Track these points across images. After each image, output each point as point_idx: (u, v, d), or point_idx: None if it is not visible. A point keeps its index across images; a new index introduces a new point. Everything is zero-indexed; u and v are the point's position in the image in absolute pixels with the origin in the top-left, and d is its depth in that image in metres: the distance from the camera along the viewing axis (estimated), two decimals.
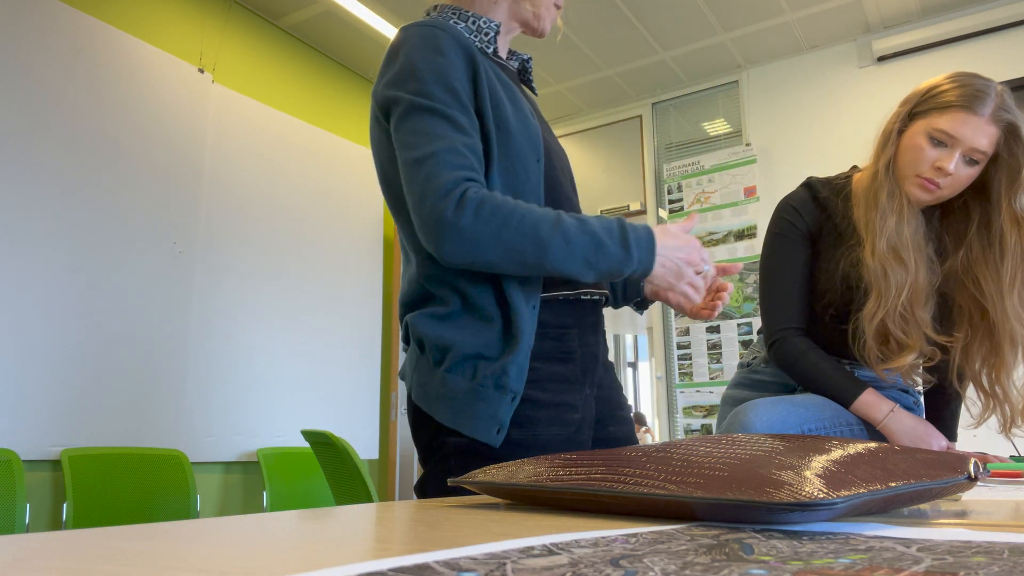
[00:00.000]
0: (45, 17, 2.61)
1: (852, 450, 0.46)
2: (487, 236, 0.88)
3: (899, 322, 1.19)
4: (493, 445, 0.93)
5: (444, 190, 0.89)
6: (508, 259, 0.90)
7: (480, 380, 0.94)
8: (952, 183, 1.19)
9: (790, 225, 1.34)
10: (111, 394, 2.61)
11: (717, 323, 3.70)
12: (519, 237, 0.89)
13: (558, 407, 0.98)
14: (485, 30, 1.08)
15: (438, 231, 0.89)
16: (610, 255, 0.92)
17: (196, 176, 3.03)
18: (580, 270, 0.91)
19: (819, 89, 3.68)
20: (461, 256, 0.90)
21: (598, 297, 1.08)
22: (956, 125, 1.16)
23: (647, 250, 0.95)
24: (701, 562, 0.25)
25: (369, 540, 0.33)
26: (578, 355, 1.02)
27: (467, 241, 0.89)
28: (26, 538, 0.32)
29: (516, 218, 0.89)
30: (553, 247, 0.89)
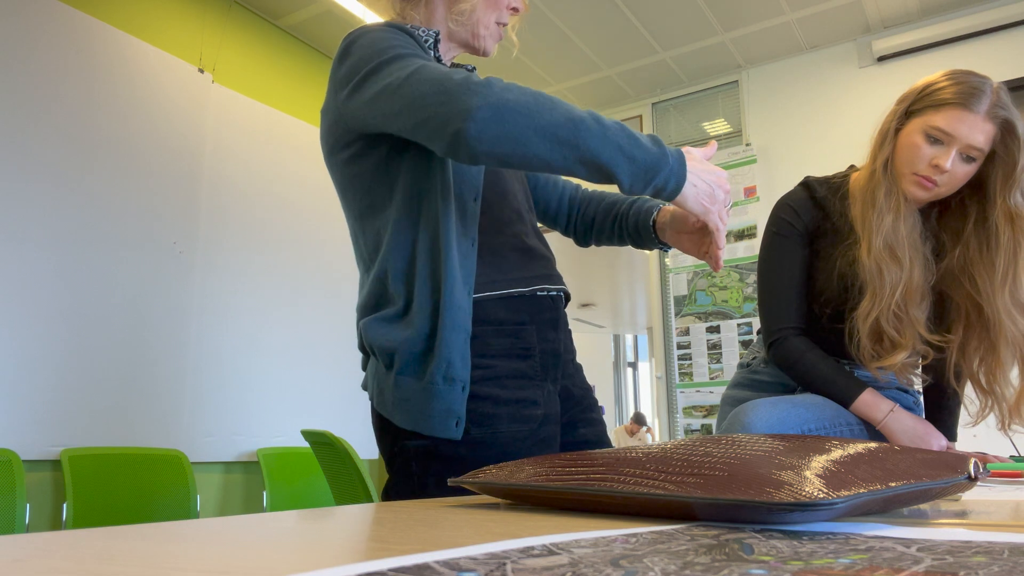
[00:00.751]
0: (44, 16, 2.61)
1: (852, 450, 0.46)
2: (519, 109, 0.81)
3: (893, 320, 1.19)
4: (455, 439, 0.93)
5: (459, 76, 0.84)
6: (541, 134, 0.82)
7: (429, 377, 0.94)
8: (949, 180, 1.19)
9: (788, 225, 1.34)
10: (111, 394, 2.61)
11: (717, 323, 3.70)
12: (551, 110, 0.83)
13: (518, 403, 0.97)
14: (424, 38, 1.09)
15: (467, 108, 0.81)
16: (645, 148, 0.86)
17: (196, 176, 3.03)
18: (614, 156, 0.84)
19: (819, 89, 3.68)
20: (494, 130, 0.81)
21: (556, 293, 1.08)
22: (952, 122, 1.16)
23: (679, 161, 0.90)
24: (701, 562, 0.25)
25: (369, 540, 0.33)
26: (537, 351, 1.02)
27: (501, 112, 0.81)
28: (26, 538, 0.32)
29: (543, 96, 0.84)
30: (586, 125, 0.83)
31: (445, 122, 0.83)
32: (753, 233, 3.66)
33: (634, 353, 11.60)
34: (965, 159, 1.18)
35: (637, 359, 11.59)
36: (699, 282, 3.79)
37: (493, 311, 0.99)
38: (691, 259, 3.82)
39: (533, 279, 1.05)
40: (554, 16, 3.45)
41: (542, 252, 1.11)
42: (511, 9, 1.12)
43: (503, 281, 1.01)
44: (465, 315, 0.96)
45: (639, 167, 0.86)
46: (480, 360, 0.97)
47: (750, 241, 3.66)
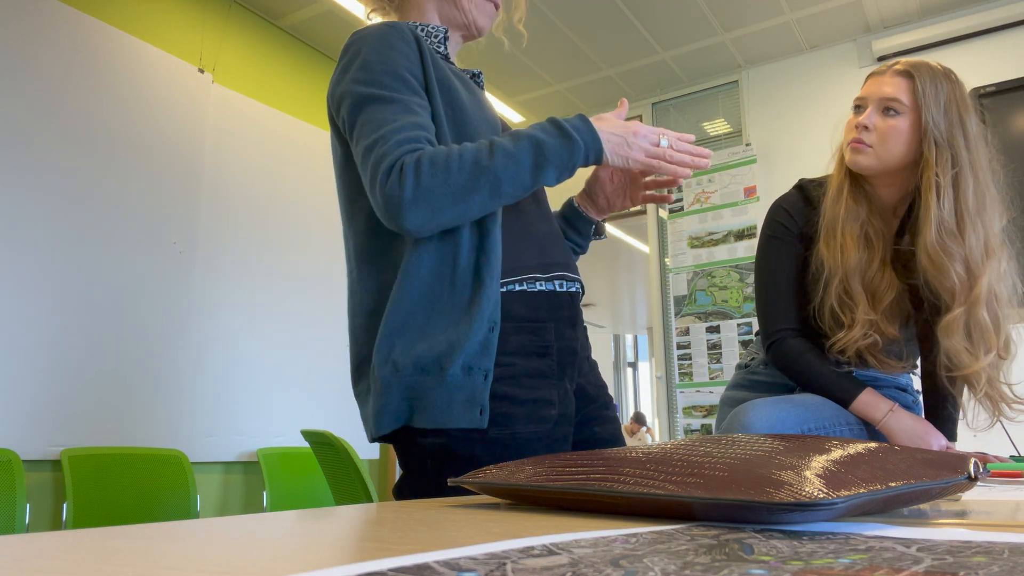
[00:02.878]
0: (45, 17, 2.61)
1: (852, 450, 0.46)
2: (436, 192, 0.88)
3: (840, 302, 1.25)
4: (481, 427, 0.92)
5: (385, 169, 0.90)
6: (464, 203, 0.90)
7: (447, 370, 0.92)
8: (879, 138, 1.24)
9: (782, 227, 1.35)
10: (111, 394, 2.61)
11: (717, 323, 3.70)
12: (464, 177, 0.89)
13: (535, 403, 0.96)
14: (435, 34, 1.11)
15: (392, 210, 0.89)
16: (555, 147, 0.92)
17: (196, 176, 3.03)
18: (535, 175, 0.92)
19: (819, 89, 3.68)
20: (423, 222, 0.90)
21: (575, 289, 1.07)
22: (865, 88, 1.29)
23: (588, 131, 0.95)
24: (701, 562, 0.25)
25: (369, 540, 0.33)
26: (555, 349, 1.00)
27: (421, 206, 0.89)
28: (26, 538, 0.32)
29: (454, 160, 0.90)
30: (498, 169, 0.90)
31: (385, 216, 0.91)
32: (753, 233, 3.66)
33: (634, 353, 11.61)
34: (887, 113, 1.24)
35: (637, 359, 11.60)
36: (699, 282, 3.79)
37: (512, 307, 0.98)
38: (691, 259, 3.82)
39: (553, 266, 1.04)
40: (554, 16, 3.45)
41: (560, 240, 1.10)
42: None
43: (521, 267, 1.00)
44: (489, 306, 0.94)
45: (560, 167, 0.93)
46: (499, 358, 0.95)
47: (750, 241, 3.66)
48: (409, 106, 0.96)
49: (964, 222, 1.18)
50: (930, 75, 1.23)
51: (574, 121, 0.96)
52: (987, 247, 1.19)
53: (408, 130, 0.93)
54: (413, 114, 0.95)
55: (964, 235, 1.18)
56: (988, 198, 1.21)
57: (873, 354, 1.24)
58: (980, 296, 1.16)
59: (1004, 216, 1.24)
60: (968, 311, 1.16)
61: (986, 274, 1.17)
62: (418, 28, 1.10)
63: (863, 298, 1.23)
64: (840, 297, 1.24)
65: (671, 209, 3.94)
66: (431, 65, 1.01)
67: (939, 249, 1.17)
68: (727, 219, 3.75)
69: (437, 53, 1.11)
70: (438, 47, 1.11)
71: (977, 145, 1.22)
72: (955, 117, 1.21)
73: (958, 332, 1.17)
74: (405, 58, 0.99)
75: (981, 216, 1.19)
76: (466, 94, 1.05)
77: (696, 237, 3.83)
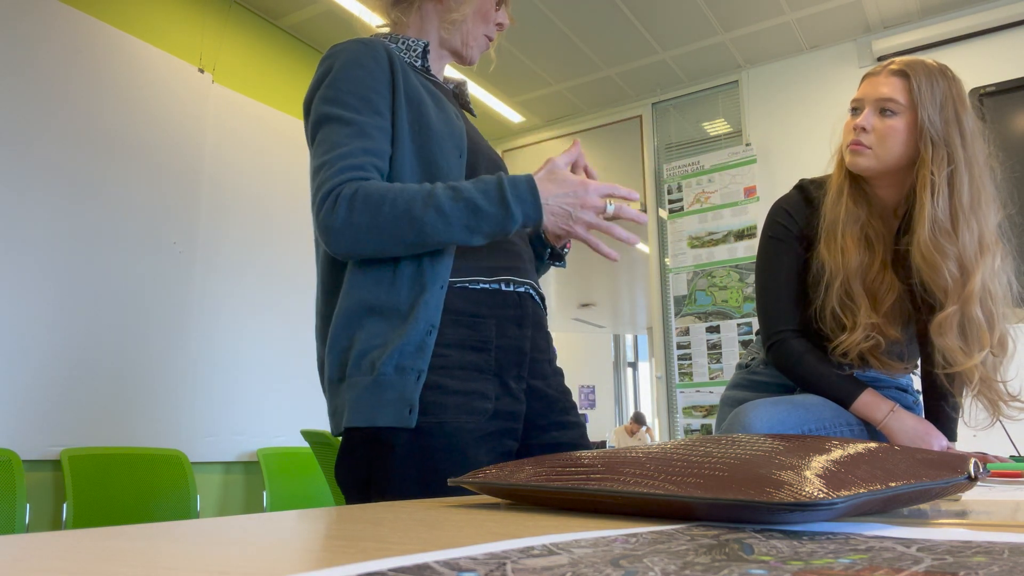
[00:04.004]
0: (45, 17, 2.61)
1: (852, 450, 0.46)
2: (363, 227, 0.93)
3: (841, 304, 1.24)
4: (408, 426, 0.93)
5: (324, 194, 0.95)
6: (389, 243, 0.94)
7: (379, 369, 0.94)
8: (879, 139, 1.24)
9: (783, 228, 1.35)
10: (111, 394, 2.61)
11: (717, 323, 3.70)
12: (392, 221, 0.93)
13: (468, 395, 0.97)
14: (414, 48, 1.14)
15: (323, 234, 0.95)
16: (489, 217, 0.93)
17: (196, 176, 3.03)
18: (464, 237, 0.94)
19: (819, 89, 3.68)
20: (347, 250, 0.95)
21: (523, 290, 1.08)
22: (862, 89, 1.29)
23: (529, 203, 0.94)
24: (701, 562, 0.25)
25: (369, 540, 0.33)
26: (494, 345, 1.01)
27: (346, 237, 0.93)
28: (26, 538, 0.32)
29: (388, 202, 0.93)
30: (427, 223, 0.92)
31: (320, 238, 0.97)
32: (753, 233, 3.66)
33: (634, 353, 11.61)
34: (884, 114, 1.24)
35: (637, 359, 11.60)
36: (699, 282, 3.79)
37: (452, 301, 1.00)
38: (691, 259, 3.82)
39: (499, 270, 1.05)
40: (554, 16, 3.45)
41: (514, 247, 1.10)
42: (498, 25, 1.19)
43: (465, 269, 1.02)
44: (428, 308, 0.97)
45: (490, 235, 0.95)
46: (435, 349, 0.97)
47: (750, 241, 3.66)
48: (365, 129, 0.99)
49: (958, 220, 1.18)
50: (925, 73, 1.23)
51: (521, 189, 0.94)
52: (981, 244, 1.18)
53: (355, 156, 0.97)
54: (367, 138, 0.99)
55: (958, 232, 1.17)
56: (984, 195, 1.21)
57: (875, 355, 1.24)
58: (973, 293, 1.16)
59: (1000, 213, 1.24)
60: (961, 309, 1.16)
61: (979, 271, 1.17)
62: (399, 41, 1.14)
63: (864, 300, 1.23)
64: (841, 299, 1.24)
65: (671, 209, 3.94)
66: (401, 81, 1.04)
67: (932, 247, 1.17)
68: (727, 219, 3.75)
69: (413, 67, 1.13)
70: (415, 60, 1.14)
71: (974, 142, 1.22)
72: (951, 114, 1.21)
73: (951, 330, 1.17)
74: (372, 77, 1.02)
75: (976, 213, 1.19)
76: (435, 109, 1.06)
77: (696, 237, 3.83)
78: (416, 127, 1.03)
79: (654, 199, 4.08)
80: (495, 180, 0.95)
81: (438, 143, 1.04)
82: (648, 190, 4.11)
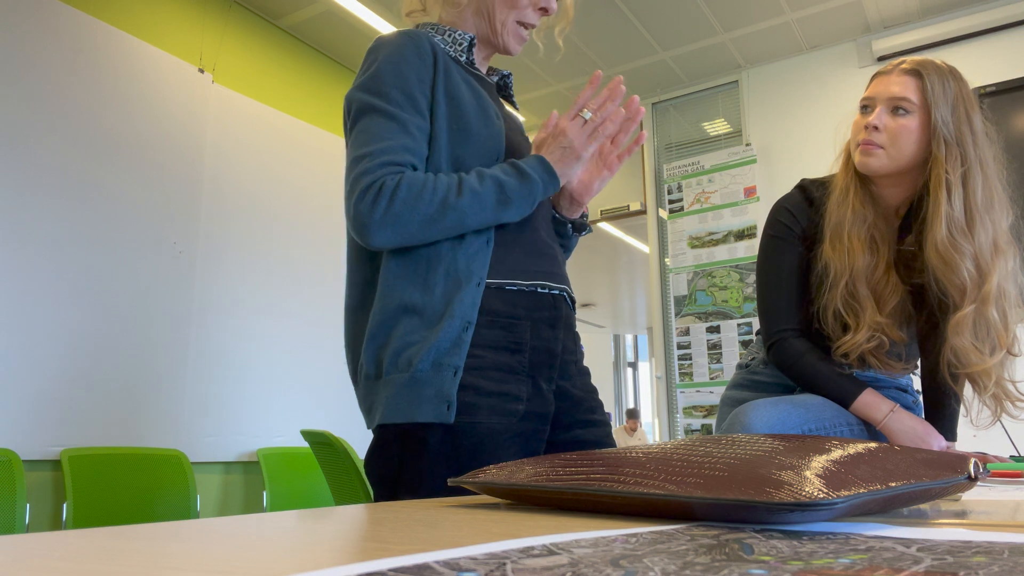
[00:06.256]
0: (45, 17, 2.61)
1: (852, 450, 0.46)
2: (404, 219, 0.95)
3: (844, 305, 1.24)
4: (447, 422, 0.93)
5: (364, 186, 0.96)
6: (430, 231, 0.97)
7: (416, 366, 0.95)
8: (889, 138, 1.23)
9: (785, 227, 1.35)
10: (111, 394, 2.61)
11: (717, 323, 3.70)
12: (432, 209, 0.96)
13: (501, 396, 0.98)
14: (460, 41, 1.14)
15: (360, 226, 0.96)
16: (514, 188, 1.00)
17: (196, 176, 3.03)
18: (498, 213, 0.99)
19: (819, 89, 3.68)
20: (387, 242, 0.97)
21: (558, 292, 1.08)
22: (873, 88, 1.27)
23: (539, 167, 1.02)
24: (701, 562, 0.25)
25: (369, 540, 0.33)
26: (528, 347, 1.02)
27: (387, 230, 0.96)
28: (26, 538, 0.32)
29: (428, 192, 0.96)
30: (464, 207, 0.97)
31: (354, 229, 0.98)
32: (753, 233, 3.66)
33: (634, 353, 11.60)
34: (896, 112, 1.23)
35: (637, 359, 11.59)
36: (699, 282, 3.79)
37: (489, 302, 1.00)
38: (691, 259, 3.82)
39: (535, 274, 1.06)
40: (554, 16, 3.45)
41: (550, 250, 1.12)
42: (539, 10, 1.17)
43: (503, 271, 1.02)
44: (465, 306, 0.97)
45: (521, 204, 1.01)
46: (470, 350, 0.98)
47: (750, 241, 3.66)
48: (407, 127, 1.00)
49: (974, 219, 1.18)
50: (937, 73, 1.22)
51: (529, 160, 1.03)
52: (996, 244, 1.19)
53: (396, 152, 0.98)
54: (408, 136, 1.00)
55: (974, 232, 1.17)
56: (996, 195, 1.21)
57: (877, 356, 1.24)
58: (990, 294, 1.16)
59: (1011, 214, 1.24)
60: (978, 309, 1.16)
61: (996, 271, 1.17)
62: (446, 33, 1.13)
63: (870, 302, 1.22)
64: (845, 300, 1.23)
65: (671, 209, 3.94)
66: (442, 79, 1.04)
67: (949, 246, 1.17)
68: (727, 219, 3.75)
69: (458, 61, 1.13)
70: (460, 54, 1.13)
71: (984, 142, 1.22)
72: (963, 115, 1.21)
73: (967, 330, 1.17)
74: (415, 72, 1.03)
75: (990, 213, 1.19)
76: (475, 109, 1.06)
77: (696, 237, 3.83)
78: (454, 128, 1.04)
79: (654, 199, 4.08)
80: (509, 161, 1.04)
81: (475, 147, 1.05)
82: (648, 190, 4.11)
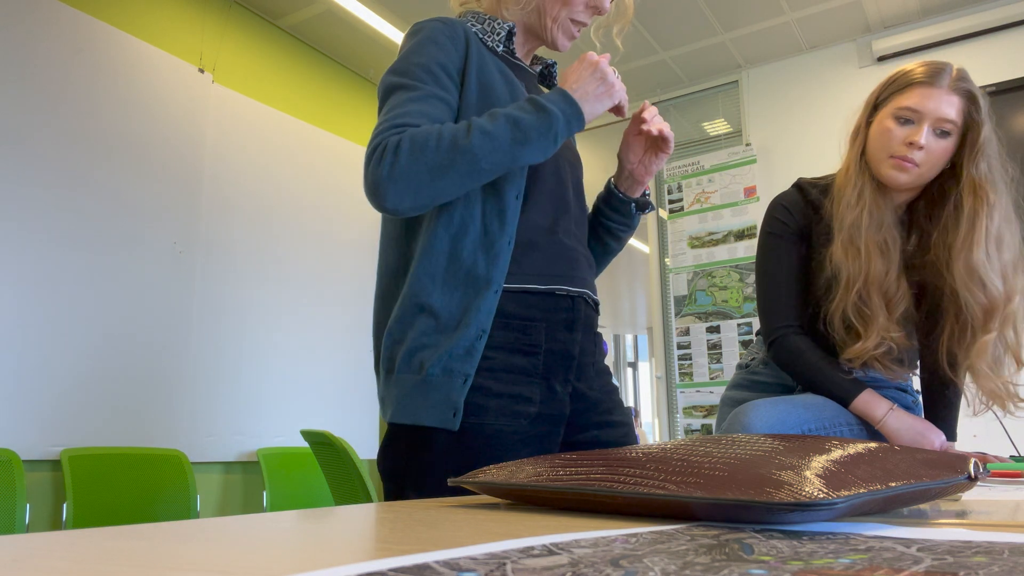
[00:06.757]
0: (45, 17, 2.61)
1: (852, 450, 0.46)
2: (413, 171, 0.90)
3: (855, 311, 1.21)
4: (452, 429, 0.93)
5: (370, 152, 0.93)
6: (444, 180, 0.91)
7: (428, 369, 0.94)
8: (927, 159, 1.20)
9: (782, 225, 1.35)
10: (111, 394, 2.61)
11: (717, 323, 3.70)
12: (441, 156, 0.90)
13: (511, 398, 0.97)
14: (498, 30, 1.12)
15: (372, 190, 0.92)
16: (531, 124, 0.93)
17: (196, 176, 3.03)
18: (515, 154, 0.93)
19: (819, 89, 3.68)
20: (401, 200, 0.91)
21: (576, 294, 1.07)
22: (920, 99, 1.20)
23: (561, 100, 0.96)
24: (701, 562, 0.25)
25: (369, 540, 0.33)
26: (542, 349, 1.01)
27: (397, 186, 0.90)
28: (26, 538, 0.32)
29: (432, 140, 0.91)
30: (475, 147, 0.90)
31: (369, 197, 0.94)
32: (753, 233, 3.66)
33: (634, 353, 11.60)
34: (939, 134, 1.20)
35: (637, 359, 11.59)
36: (699, 282, 3.79)
37: (504, 304, 0.99)
38: (691, 259, 3.82)
39: (553, 277, 1.04)
40: None
41: (572, 253, 1.09)
42: (591, 9, 1.13)
43: (520, 275, 1.01)
44: (480, 313, 0.96)
45: (542, 141, 0.94)
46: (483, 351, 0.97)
47: (750, 241, 3.66)
48: (426, 95, 0.98)
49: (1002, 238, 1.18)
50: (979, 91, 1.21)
51: (551, 94, 0.97)
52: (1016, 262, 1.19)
53: (404, 116, 0.95)
54: (421, 102, 0.97)
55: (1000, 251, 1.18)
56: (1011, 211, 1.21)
57: (882, 362, 1.23)
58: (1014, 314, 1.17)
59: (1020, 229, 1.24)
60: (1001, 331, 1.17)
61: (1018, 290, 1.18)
62: (485, 22, 1.12)
63: (882, 309, 1.21)
64: (857, 306, 1.21)
65: (671, 209, 3.94)
66: (474, 65, 1.03)
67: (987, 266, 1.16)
68: (727, 219, 3.75)
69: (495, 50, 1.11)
70: (497, 43, 1.12)
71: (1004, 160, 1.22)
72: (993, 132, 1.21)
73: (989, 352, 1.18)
74: (444, 54, 1.01)
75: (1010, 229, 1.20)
76: (506, 93, 1.05)
77: (696, 237, 3.83)
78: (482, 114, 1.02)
79: (654, 199, 4.08)
80: (527, 97, 0.97)
81: None
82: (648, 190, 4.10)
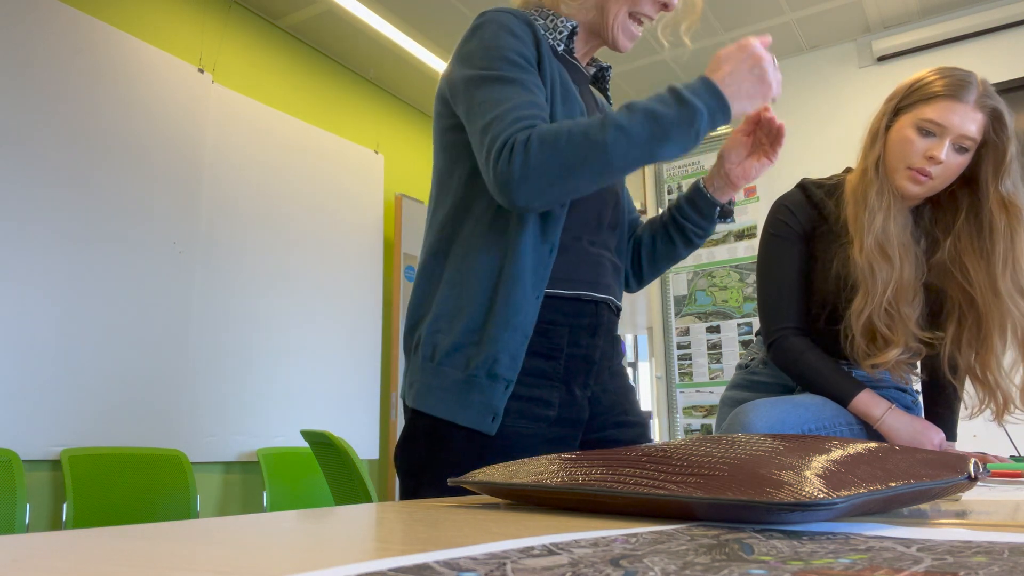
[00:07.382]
0: (45, 17, 2.61)
1: (852, 450, 0.46)
2: (545, 169, 0.87)
3: (884, 318, 1.20)
4: (489, 433, 0.93)
5: (498, 148, 0.90)
6: (576, 178, 0.88)
7: (472, 370, 0.95)
8: (943, 172, 1.20)
9: (785, 225, 1.35)
10: (111, 394, 2.61)
11: (717, 323, 3.70)
12: (573, 152, 0.87)
13: (530, 400, 0.97)
14: (560, 28, 1.08)
15: (502, 188, 0.89)
16: (671, 119, 0.88)
17: (196, 176, 3.03)
18: (652, 149, 0.88)
19: (819, 89, 3.68)
20: (530, 199, 0.89)
21: (600, 300, 1.06)
22: (944, 113, 1.18)
23: (706, 92, 0.90)
24: (701, 562, 0.25)
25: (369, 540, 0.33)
26: (564, 354, 1.01)
27: (529, 184, 0.88)
28: (26, 538, 0.32)
29: (564, 136, 0.88)
30: (609, 143, 0.87)
31: (497, 193, 0.91)
32: (753, 233, 3.66)
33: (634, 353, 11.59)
34: (958, 150, 1.19)
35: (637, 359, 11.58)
36: (699, 282, 3.79)
37: None
38: (691, 259, 3.82)
39: (578, 283, 1.03)
40: None
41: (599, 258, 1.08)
42: (658, 2, 1.07)
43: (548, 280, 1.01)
44: (526, 317, 0.96)
45: (683, 138, 0.89)
46: None
47: (750, 241, 3.66)
48: (526, 85, 0.96)
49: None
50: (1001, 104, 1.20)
51: (694, 85, 0.90)
52: None
53: (524, 108, 0.92)
54: (529, 92, 0.95)
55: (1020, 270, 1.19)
56: None
57: (897, 367, 1.24)
58: None
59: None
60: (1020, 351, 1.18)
61: None
62: (548, 19, 1.09)
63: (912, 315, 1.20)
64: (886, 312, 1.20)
65: None
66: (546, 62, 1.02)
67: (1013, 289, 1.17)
68: None
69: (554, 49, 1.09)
70: (558, 42, 1.09)
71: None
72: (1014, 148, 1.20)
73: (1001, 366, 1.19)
74: (522, 44, 0.99)
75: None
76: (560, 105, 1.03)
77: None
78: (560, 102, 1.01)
79: (654, 199, 4.08)
80: (667, 87, 0.91)
81: None
82: (648, 190, 4.11)
